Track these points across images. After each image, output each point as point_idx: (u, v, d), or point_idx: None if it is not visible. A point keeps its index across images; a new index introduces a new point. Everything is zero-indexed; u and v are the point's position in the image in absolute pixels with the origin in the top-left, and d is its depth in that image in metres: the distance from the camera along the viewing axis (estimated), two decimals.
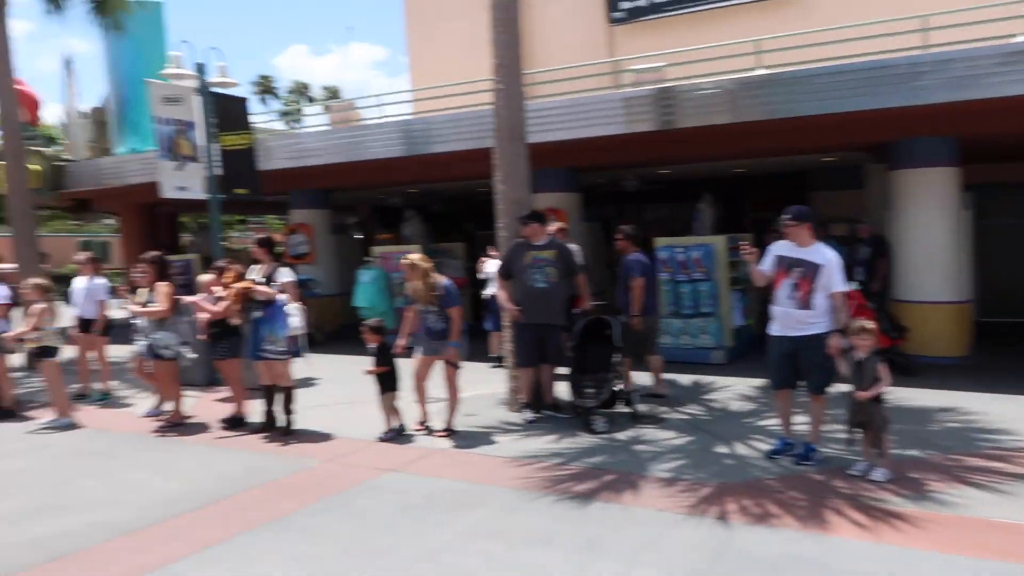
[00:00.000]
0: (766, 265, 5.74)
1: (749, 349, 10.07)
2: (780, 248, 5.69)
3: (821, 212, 13.35)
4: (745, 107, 9.18)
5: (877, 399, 5.20)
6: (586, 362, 6.99)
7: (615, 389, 6.99)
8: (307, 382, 9.26)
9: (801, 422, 5.91)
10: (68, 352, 8.46)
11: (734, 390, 8.23)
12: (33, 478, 5.99)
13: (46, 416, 7.80)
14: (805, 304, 5.46)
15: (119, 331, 9.94)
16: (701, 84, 9.42)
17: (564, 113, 10.34)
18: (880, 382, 5.14)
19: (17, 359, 9.07)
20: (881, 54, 8.79)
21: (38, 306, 7.51)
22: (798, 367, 5.61)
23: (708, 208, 11.57)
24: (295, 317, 6.90)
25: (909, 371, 8.25)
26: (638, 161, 11.96)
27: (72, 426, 7.59)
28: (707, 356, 9.80)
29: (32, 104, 17.36)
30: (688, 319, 10.02)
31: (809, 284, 5.46)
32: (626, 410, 7.09)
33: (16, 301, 8.74)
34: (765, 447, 6.06)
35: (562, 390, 7.37)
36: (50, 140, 18.56)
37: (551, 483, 5.41)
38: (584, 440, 6.47)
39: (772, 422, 6.77)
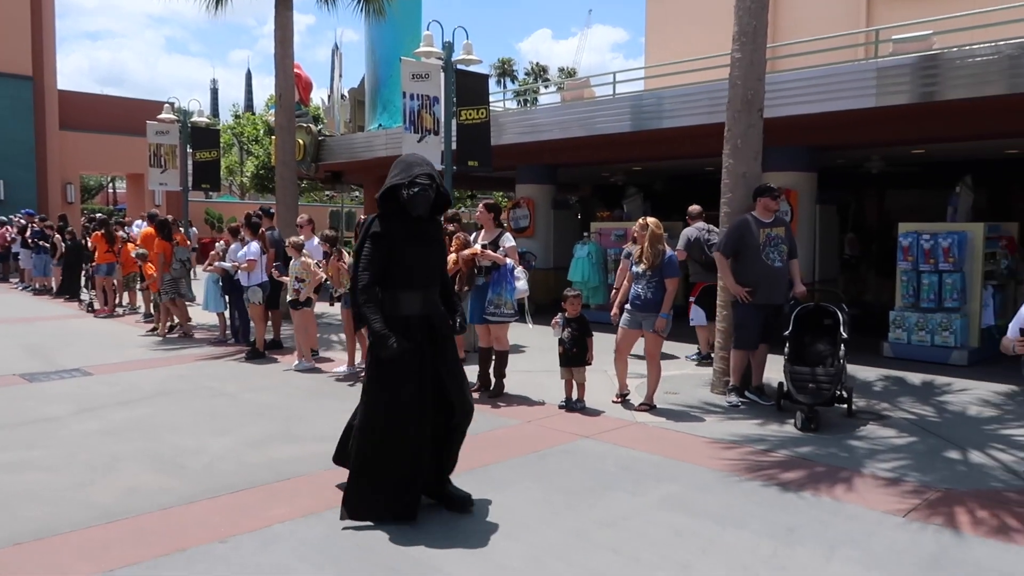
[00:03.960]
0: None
1: (997, 353, 8.84)
2: None
3: None
4: None
5: None
6: (804, 353, 6.52)
7: (838, 390, 6.28)
8: (516, 348, 9.60)
9: None
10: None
11: (973, 394, 7.31)
12: (274, 411, 6.79)
13: (293, 360, 8.78)
14: None
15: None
16: (975, 50, 8.34)
17: (806, 85, 9.67)
18: None
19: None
20: None
21: (297, 262, 8.46)
22: None
23: (967, 192, 10.31)
24: (522, 281, 7.14)
25: None
26: (887, 140, 10.90)
27: (315, 370, 8.50)
28: (946, 356, 8.76)
29: (305, 86, 19.54)
30: (928, 313, 9.01)
31: None
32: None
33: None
34: (1008, 458, 5.33)
35: (769, 376, 6.99)
36: (315, 119, 20.75)
37: (753, 467, 5.17)
38: (791, 429, 6.09)
39: (1018, 431, 5.96)
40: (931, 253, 9.04)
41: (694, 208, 9.20)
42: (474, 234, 7.66)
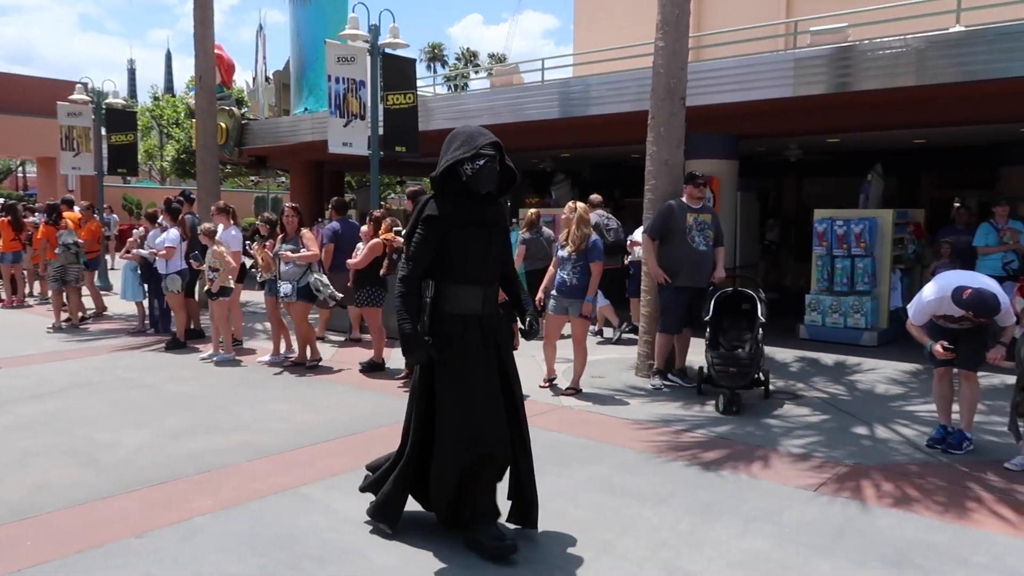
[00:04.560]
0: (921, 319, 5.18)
1: (905, 333, 9.31)
2: (940, 306, 5.01)
3: (1007, 189, 12.10)
4: (936, 68, 8.35)
5: None
6: (724, 337, 6.73)
7: (756, 372, 6.51)
8: None
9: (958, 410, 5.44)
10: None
11: (882, 373, 7.70)
12: (196, 402, 6.63)
13: (211, 350, 8.56)
14: None
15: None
16: (885, 43, 8.69)
17: (727, 75, 9.90)
18: None
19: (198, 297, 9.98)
20: None
21: (215, 249, 8.23)
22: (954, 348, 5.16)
23: (877, 179, 10.77)
24: None
25: None
26: (805, 129, 11.29)
27: (234, 362, 8.31)
28: (858, 337, 9.18)
29: (227, 68, 18.94)
30: (841, 297, 9.41)
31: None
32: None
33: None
34: (910, 432, 5.64)
35: (692, 358, 7.19)
36: (239, 102, 20.19)
37: (674, 448, 5.33)
38: (712, 411, 6.29)
39: (921, 408, 6.30)
40: (844, 239, 9.42)
41: (595, 197, 9.66)
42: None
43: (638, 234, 9.35)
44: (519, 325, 4.12)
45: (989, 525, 4.05)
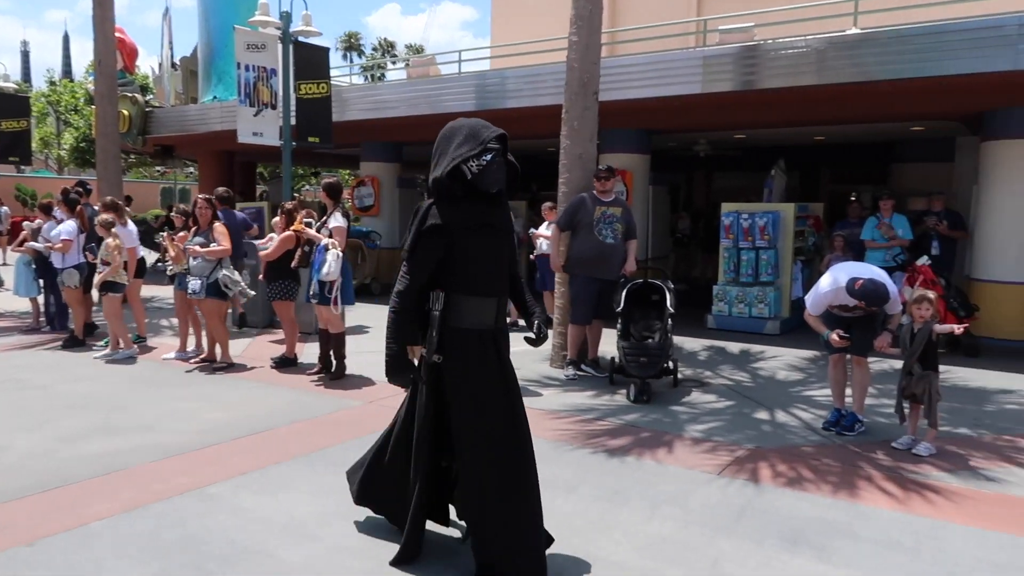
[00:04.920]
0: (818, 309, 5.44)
1: (803, 322, 9.75)
2: (835, 297, 5.30)
3: (899, 185, 12.79)
4: (835, 68, 8.77)
5: (932, 369, 5.00)
6: (634, 328, 6.90)
7: (666, 361, 6.70)
8: (360, 329, 9.49)
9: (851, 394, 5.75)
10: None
11: (783, 360, 8.05)
12: (94, 402, 6.35)
13: (109, 347, 8.19)
14: None
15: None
16: (788, 43, 9.04)
17: (640, 71, 10.12)
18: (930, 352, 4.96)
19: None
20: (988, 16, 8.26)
21: (107, 242, 7.88)
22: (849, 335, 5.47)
23: (780, 174, 11.22)
24: (329, 263, 6.75)
25: (974, 351, 7.88)
26: (714, 125, 11.65)
27: (131, 358, 7.98)
28: (762, 326, 9.57)
29: (130, 52, 18.11)
30: (746, 287, 9.78)
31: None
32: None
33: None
34: (807, 416, 5.93)
35: (605, 348, 7.34)
36: (143, 89, 19.34)
37: (584, 436, 5.43)
38: (622, 399, 6.45)
39: (817, 392, 6.62)
40: (749, 231, 9.79)
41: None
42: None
43: (543, 228, 9.51)
44: (528, 333, 3.81)
45: (877, 501, 4.29)
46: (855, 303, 5.11)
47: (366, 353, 8.08)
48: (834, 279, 5.23)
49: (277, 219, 8.02)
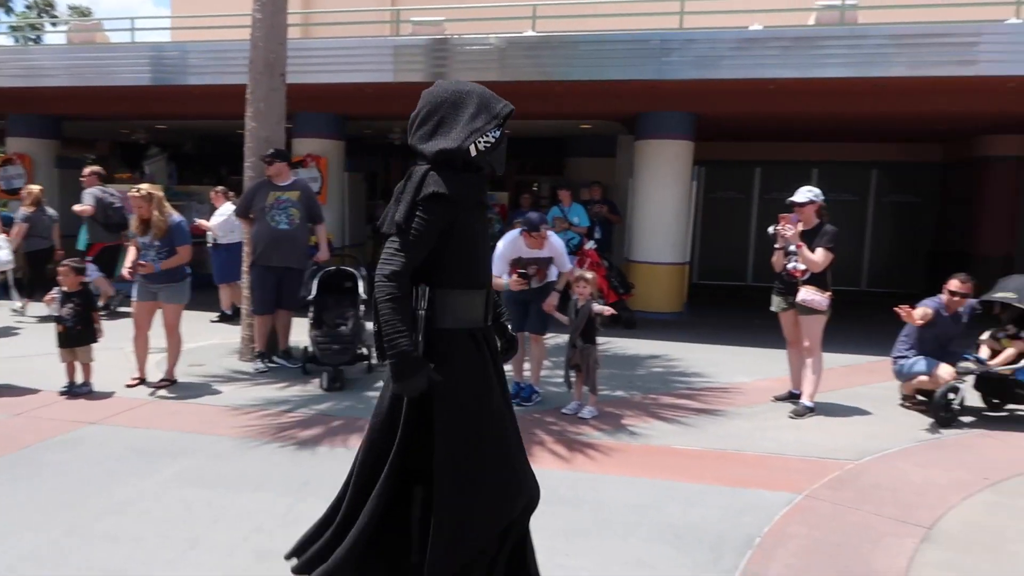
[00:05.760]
0: (499, 268, 5.79)
1: None
2: (513, 250, 5.84)
3: (574, 177, 14.13)
4: (516, 66, 9.33)
5: (591, 343, 5.61)
6: (327, 316, 6.81)
7: (359, 347, 6.71)
8: (8, 331, 8.23)
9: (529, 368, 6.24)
10: None
11: None
12: None
13: None
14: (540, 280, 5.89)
15: None
16: (475, 39, 9.46)
17: (332, 55, 9.93)
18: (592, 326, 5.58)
19: None
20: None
21: None
22: (527, 315, 5.98)
23: None
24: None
25: (631, 324, 9.02)
26: (408, 113, 11.79)
27: None
28: None
29: None
30: None
31: (544, 271, 5.89)
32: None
33: None
34: None
35: (298, 338, 7.17)
36: None
37: (274, 430, 5.25)
38: (315, 389, 6.34)
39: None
40: None
41: (91, 168, 9.75)
42: None
43: (215, 216, 9.07)
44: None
45: (549, 463, 4.71)
46: (530, 253, 5.72)
47: (12, 359, 7.01)
48: (507, 236, 5.85)
49: None
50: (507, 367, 2.82)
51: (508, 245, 5.82)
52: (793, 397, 6.14)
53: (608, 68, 9.10)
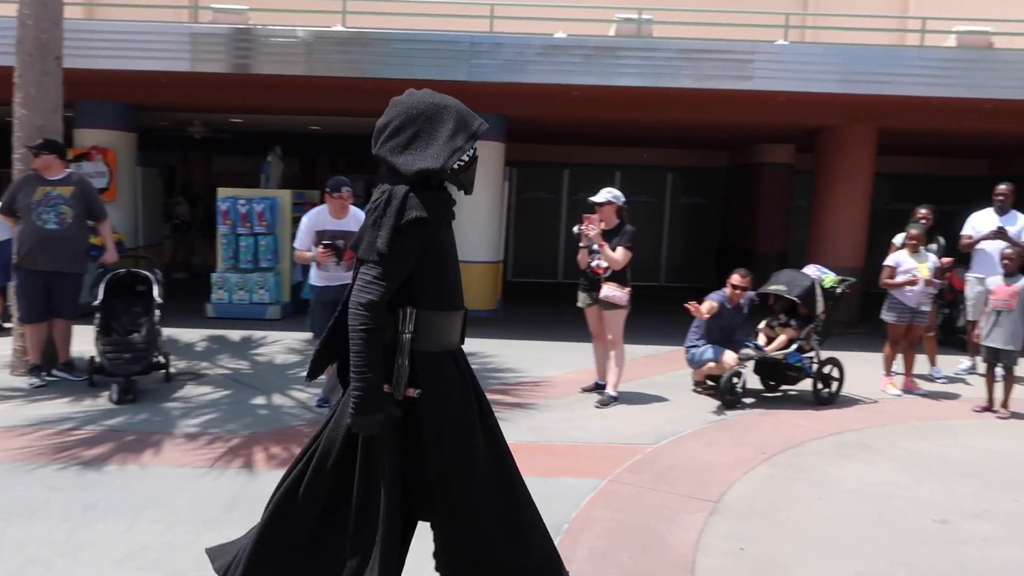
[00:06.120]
0: (304, 242, 5.71)
1: (305, 305, 10.12)
2: (317, 221, 5.72)
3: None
4: (325, 61, 9.05)
5: None
6: (117, 322, 6.26)
7: (155, 356, 6.25)
8: None
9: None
10: None
11: (283, 344, 8.21)
12: None
13: None
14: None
15: None
16: (280, 31, 9.06)
17: (119, 39, 9.07)
18: None
19: None
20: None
21: None
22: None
23: (277, 161, 11.31)
24: None
25: None
26: (207, 106, 11.13)
27: None
28: (263, 312, 9.59)
29: None
30: (246, 274, 9.68)
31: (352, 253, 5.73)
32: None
33: None
34: (303, 396, 6.13)
35: (85, 348, 6.54)
36: None
37: (53, 451, 4.75)
38: (105, 403, 5.81)
39: None
40: (247, 217, 9.68)
41: None
42: None
43: None
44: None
45: None
46: (336, 225, 5.66)
47: None
48: (314, 209, 5.82)
49: None
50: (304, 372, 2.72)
51: (312, 217, 5.71)
52: (599, 388, 6.47)
53: (419, 67, 9.07)
